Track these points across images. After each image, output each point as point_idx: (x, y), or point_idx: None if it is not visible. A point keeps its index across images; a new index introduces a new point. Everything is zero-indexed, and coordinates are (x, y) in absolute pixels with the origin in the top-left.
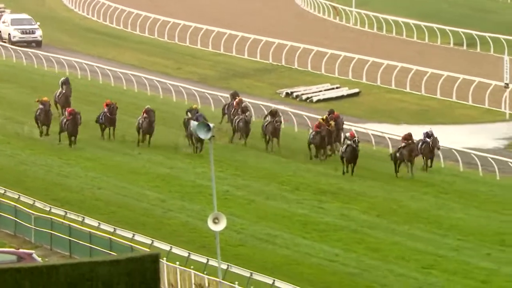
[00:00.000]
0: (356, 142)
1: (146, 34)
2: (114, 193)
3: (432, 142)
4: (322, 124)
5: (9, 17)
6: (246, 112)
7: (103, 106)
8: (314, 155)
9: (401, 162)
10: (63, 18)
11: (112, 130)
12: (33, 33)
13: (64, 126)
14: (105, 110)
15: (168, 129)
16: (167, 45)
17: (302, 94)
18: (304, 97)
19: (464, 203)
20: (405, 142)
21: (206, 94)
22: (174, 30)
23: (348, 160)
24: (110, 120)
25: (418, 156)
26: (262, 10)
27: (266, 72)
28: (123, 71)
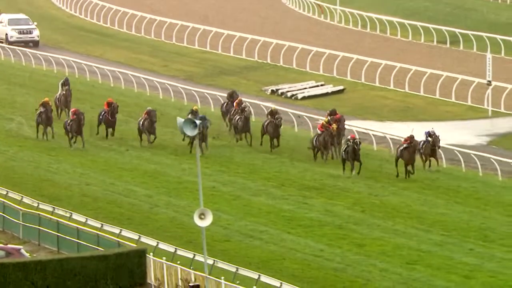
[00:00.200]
0: (357, 142)
1: (133, 32)
2: (101, 189)
3: (433, 141)
4: (325, 125)
5: (6, 17)
6: (245, 110)
7: (104, 105)
8: (315, 156)
9: (403, 162)
10: (51, 16)
11: (111, 131)
12: (30, 33)
13: (68, 126)
14: (105, 110)
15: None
16: (154, 43)
17: (287, 91)
18: (289, 94)
19: (447, 199)
20: (406, 144)
21: (192, 91)
22: (160, 28)
23: (350, 158)
24: (110, 122)
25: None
26: (248, 8)
27: (252, 69)
28: (110, 69)
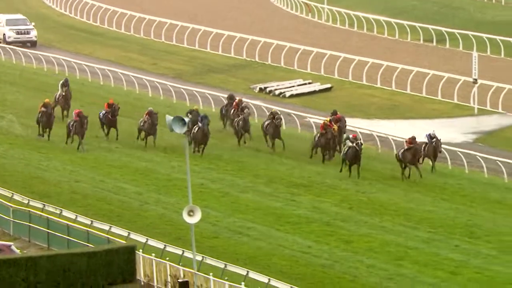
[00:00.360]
0: (359, 144)
1: (123, 31)
2: (91, 186)
3: (435, 144)
4: (327, 125)
5: (4, 17)
6: (244, 110)
7: (105, 106)
8: (313, 154)
9: (405, 164)
10: (42, 15)
11: (113, 130)
12: (28, 33)
13: (71, 128)
14: (106, 110)
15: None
16: (143, 41)
17: (275, 89)
18: (277, 92)
19: (433, 196)
20: (408, 146)
21: (181, 89)
22: (150, 26)
23: (350, 161)
24: (111, 121)
25: (422, 157)
26: (236, 7)
27: (240, 67)
28: (100, 67)
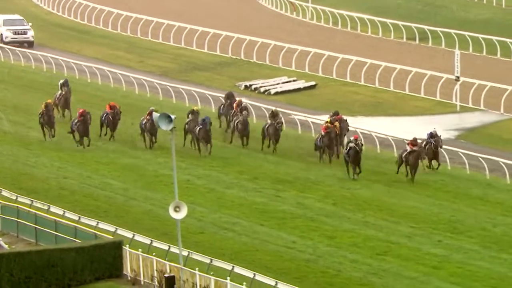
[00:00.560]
0: (359, 145)
1: (110, 29)
2: (79, 182)
3: (435, 142)
4: (329, 126)
5: (1, 17)
6: (243, 111)
7: (106, 108)
8: (320, 157)
9: (406, 165)
10: (30, 13)
11: (112, 132)
12: (25, 33)
13: (75, 128)
14: (107, 112)
15: (131, 120)
16: (130, 39)
17: (261, 87)
18: (262, 89)
19: (416, 192)
20: (411, 148)
21: (167, 87)
22: (136, 25)
23: (352, 162)
24: (112, 122)
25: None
26: (222, 6)
27: (226, 65)
28: (87, 64)
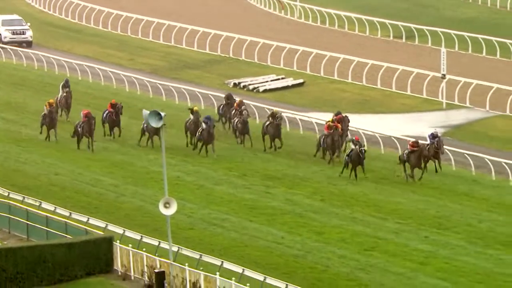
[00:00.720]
0: (361, 146)
1: (100, 27)
2: (70, 178)
3: (437, 144)
4: (332, 126)
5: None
6: (243, 112)
7: (108, 106)
8: (321, 157)
9: (409, 166)
10: (22, 12)
11: (117, 130)
12: (23, 33)
13: (79, 129)
14: (109, 110)
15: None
16: (120, 37)
17: (249, 84)
18: (251, 87)
19: (403, 188)
20: (412, 149)
21: (157, 84)
22: (127, 23)
23: (353, 163)
24: (114, 121)
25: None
26: (211, 4)
27: (215, 63)
28: (78, 63)
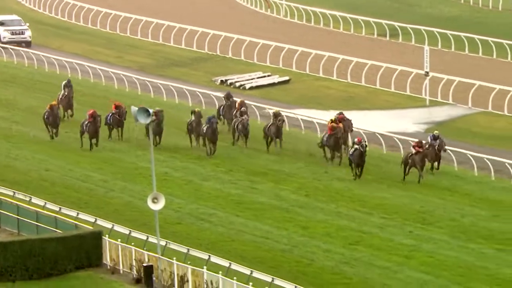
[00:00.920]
0: (363, 146)
1: (89, 25)
2: (60, 174)
3: (438, 145)
4: (335, 126)
5: None
6: (244, 114)
7: (112, 108)
8: (327, 157)
9: (411, 167)
10: (13, 10)
11: (120, 131)
12: (22, 34)
13: (85, 128)
14: (113, 112)
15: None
16: (109, 35)
17: (236, 82)
18: (237, 84)
19: (388, 184)
20: (416, 150)
21: (146, 81)
22: (115, 21)
23: (356, 163)
24: (118, 122)
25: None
26: (198, 3)
27: (202, 61)
28: (68, 60)
